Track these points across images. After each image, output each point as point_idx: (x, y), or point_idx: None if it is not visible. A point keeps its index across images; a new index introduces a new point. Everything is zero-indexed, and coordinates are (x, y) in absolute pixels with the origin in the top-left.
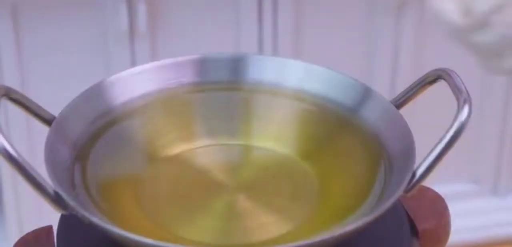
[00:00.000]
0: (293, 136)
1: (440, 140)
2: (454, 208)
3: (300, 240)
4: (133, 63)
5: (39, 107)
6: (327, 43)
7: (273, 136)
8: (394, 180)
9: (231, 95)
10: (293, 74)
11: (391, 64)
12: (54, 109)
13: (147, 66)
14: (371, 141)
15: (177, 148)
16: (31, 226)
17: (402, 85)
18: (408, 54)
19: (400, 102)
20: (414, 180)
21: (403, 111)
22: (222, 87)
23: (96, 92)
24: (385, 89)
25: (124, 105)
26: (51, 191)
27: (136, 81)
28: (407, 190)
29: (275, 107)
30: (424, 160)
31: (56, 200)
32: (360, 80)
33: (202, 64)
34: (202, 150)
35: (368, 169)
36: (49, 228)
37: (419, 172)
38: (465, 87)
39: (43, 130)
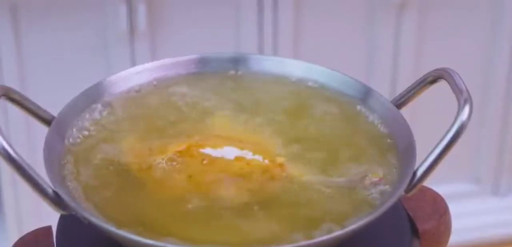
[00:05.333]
0: (293, 131)
1: (441, 140)
2: (454, 208)
3: (300, 240)
4: (133, 63)
5: (39, 107)
6: (327, 43)
7: (275, 130)
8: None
9: (231, 83)
10: (293, 73)
11: (391, 64)
12: (54, 109)
13: (147, 65)
14: (371, 141)
15: (177, 143)
16: (30, 226)
17: (402, 85)
18: (408, 54)
19: (400, 102)
20: (415, 180)
21: (404, 111)
22: (222, 77)
23: (96, 92)
24: (386, 89)
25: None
26: (50, 191)
27: (136, 81)
28: (407, 190)
29: (276, 100)
30: (424, 160)
31: (56, 200)
32: (361, 80)
33: (202, 64)
34: (203, 144)
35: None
36: (49, 228)
37: (419, 172)
38: (466, 87)
39: (43, 130)
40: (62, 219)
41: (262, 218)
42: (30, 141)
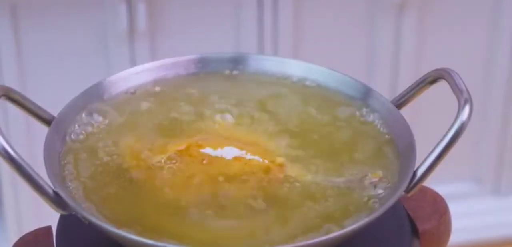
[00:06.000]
0: (293, 131)
1: (441, 140)
2: (454, 208)
3: (300, 240)
4: (133, 63)
5: (39, 107)
6: (327, 43)
7: (274, 130)
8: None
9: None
10: (293, 73)
11: (391, 64)
12: (54, 109)
13: (147, 65)
14: (371, 141)
15: (177, 143)
16: (30, 226)
17: (402, 85)
18: (408, 54)
19: (400, 102)
20: (415, 180)
21: (404, 111)
22: (222, 77)
23: (96, 92)
24: (386, 89)
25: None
26: (50, 191)
27: (136, 81)
28: (408, 190)
29: (276, 100)
30: (425, 160)
31: (56, 200)
32: (361, 80)
33: (202, 64)
34: (203, 144)
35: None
36: (49, 228)
37: (420, 172)
38: (466, 87)
39: (43, 130)
40: (62, 219)
41: (261, 219)
42: (30, 141)
